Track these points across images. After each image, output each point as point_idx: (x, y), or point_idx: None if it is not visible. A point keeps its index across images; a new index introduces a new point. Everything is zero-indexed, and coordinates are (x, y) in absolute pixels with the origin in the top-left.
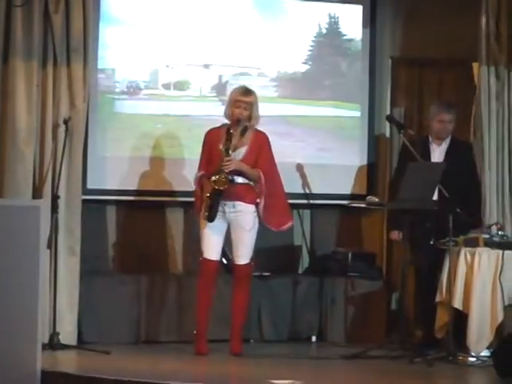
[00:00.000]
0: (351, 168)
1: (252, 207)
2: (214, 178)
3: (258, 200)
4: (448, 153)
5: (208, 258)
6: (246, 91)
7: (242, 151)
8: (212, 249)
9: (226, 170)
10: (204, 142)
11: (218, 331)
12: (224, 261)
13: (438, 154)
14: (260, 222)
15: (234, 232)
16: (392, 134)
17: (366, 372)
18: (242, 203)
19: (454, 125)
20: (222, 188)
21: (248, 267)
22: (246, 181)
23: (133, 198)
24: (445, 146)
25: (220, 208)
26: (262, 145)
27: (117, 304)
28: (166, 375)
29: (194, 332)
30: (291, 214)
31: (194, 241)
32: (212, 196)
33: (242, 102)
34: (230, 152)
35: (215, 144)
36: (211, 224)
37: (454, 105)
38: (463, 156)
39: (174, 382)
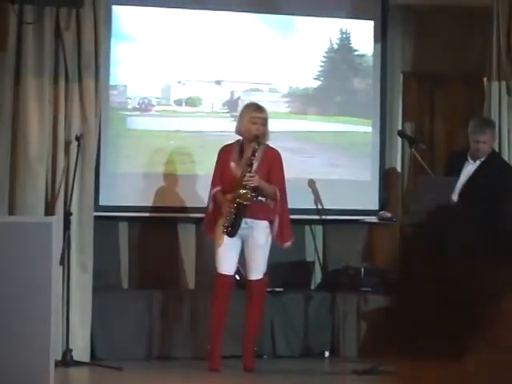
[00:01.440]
0: (363, 183)
1: (265, 223)
2: (240, 191)
3: (271, 217)
4: (478, 170)
5: (223, 273)
6: (260, 107)
7: (258, 166)
8: (227, 264)
9: (251, 185)
10: (218, 159)
11: (231, 347)
12: (237, 277)
13: (468, 170)
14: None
15: (248, 248)
16: (404, 149)
17: None
18: (255, 220)
19: (492, 143)
20: (246, 203)
21: (262, 283)
22: (259, 198)
23: (145, 214)
24: (478, 163)
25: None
26: (274, 161)
27: (129, 320)
28: None
29: (208, 347)
30: (292, 232)
31: (205, 256)
32: (237, 211)
33: (258, 118)
34: (236, 170)
35: (227, 161)
36: (226, 240)
37: (491, 123)
38: (493, 174)
39: None
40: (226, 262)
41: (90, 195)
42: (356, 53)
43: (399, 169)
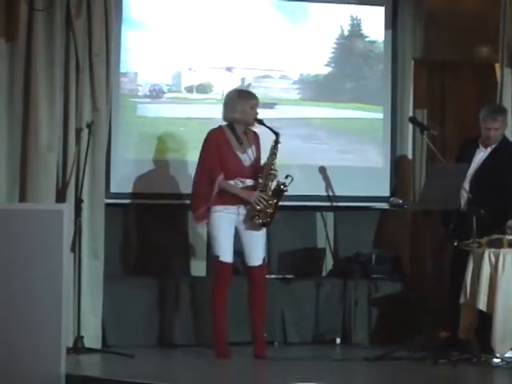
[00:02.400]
0: (374, 170)
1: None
2: (278, 180)
3: None
4: (489, 157)
5: (224, 260)
6: (253, 93)
7: (251, 151)
8: (227, 251)
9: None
10: (212, 143)
11: (235, 334)
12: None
13: (479, 157)
14: None
15: (249, 233)
16: (415, 136)
17: (389, 374)
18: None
19: (504, 130)
20: (286, 190)
21: (263, 268)
22: (253, 183)
23: (156, 201)
24: (489, 150)
25: (235, 211)
26: (259, 144)
27: (140, 307)
28: (191, 379)
29: (214, 335)
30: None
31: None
32: (278, 199)
33: (256, 104)
34: (240, 154)
35: (225, 146)
36: (224, 227)
37: (503, 110)
38: (504, 162)
39: None
40: (227, 249)
41: (100, 182)
42: (367, 39)
43: (410, 155)
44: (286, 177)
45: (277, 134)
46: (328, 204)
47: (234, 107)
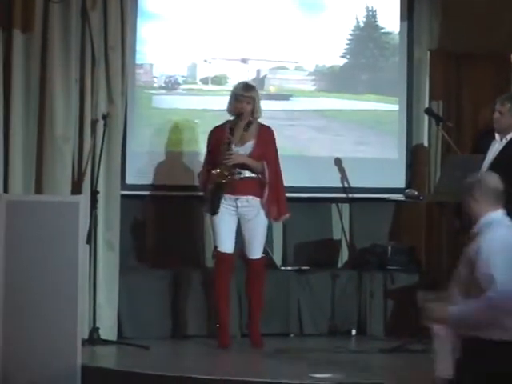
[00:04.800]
0: (390, 161)
1: (258, 200)
2: (215, 171)
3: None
4: (505, 149)
5: (222, 251)
6: (248, 86)
7: (249, 145)
8: (226, 242)
9: (229, 164)
10: (209, 140)
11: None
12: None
13: (494, 149)
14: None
15: (248, 226)
16: (431, 127)
17: (404, 366)
18: (254, 197)
19: (509, 118)
20: (223, 181)
21: (262, 261)
22: (253, 175)
23: (172, 192)
24: (505, 141)
25: (233, 203)
26: (269, 140)
27: (156, 298)
28: (205, 370)
29: (217, 325)
30: (287, 208)
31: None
32: (214, 188)
33: (244, 97)
34: (234, 146)
35: (221, 139)
36: (222, 217)
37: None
38: None
39: (217, 377)
40: (224, 240)
41: (116, 174)
42: (382, 30)
43: (426, 147)
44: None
45: (247, 125)
46: (344, 196)
47: (229, 99)
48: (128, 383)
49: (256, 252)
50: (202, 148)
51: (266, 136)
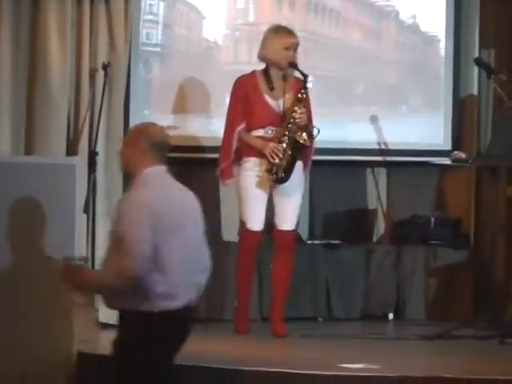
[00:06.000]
0: (434, 119)
1: (301, 165)
2: (297, 131)
3: (307, 157)
4: None
5: (252, 228)
6: (292, 31)
7: (287, 98)
8: (257, 218)
9: (301, 124)
10: (237, 92)
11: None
12: None
13: None
14: None
15: (282, 193)
16: (480, 80)
17: (449, 354)
18: (299, 161)
19: None
20: (304, 143)
21: (294, 235)
22: None
23: (182, 154)
24: None
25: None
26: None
27: None
28: (217, 357)
29: (235, 305)
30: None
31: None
32: (293, 152)
33: (292, 44)
34: (272, 100)
35: (254, 93)
36: (253, 188)
37: None
38: None
39: (230, 366)
40: (256, 216)
41: (118, 133)
42: None
43: (476, 103)
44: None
45: (305, 76)
46: (380, 159)
47: (267, 45)
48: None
49: (287, 223)
50: (213, 109)
51: (299, 90)
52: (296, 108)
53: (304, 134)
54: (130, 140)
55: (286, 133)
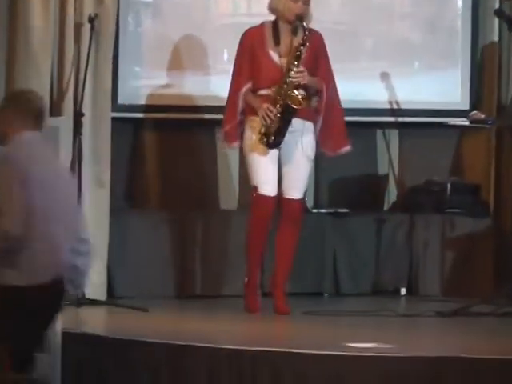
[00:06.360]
0: (450, 76)
1: (312, 126)
2: (289, 92)
3: (316, 118)
4: None
5: (264, 193)
6: None
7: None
8: (269, 180)
9: (300, 83)
10: (244, 47)
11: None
12: None
13: None
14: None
15: (291, 158)
16: (501, 33)
17: (467, 332)
18: (302, 120)
19: None
20: (296, 107)
21: (302, 204)
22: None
23: (176, 115)
24: None
25: None
26: (320, 47)
27: (156, 249)
28: (218, 337)
29: (245, 280)
30: (348, 137)
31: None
32: (282, 115)
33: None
34: (280, 57)
35: (260, 48)
36: (264, 151)
37: None
38: None
39: (229, 346)
40: (268, 179)
41: (106, 91)
42: None
43: (496, 57)
44: None
45: (307, 31)
46: (391, 119)
47: None
48: (121, 353)
49: (296, 191)
50: (213, 61)
51: (315, 43)
52: (292, 66)
53: (299, 95)
54: (6, 104)
55: (282, 93)
